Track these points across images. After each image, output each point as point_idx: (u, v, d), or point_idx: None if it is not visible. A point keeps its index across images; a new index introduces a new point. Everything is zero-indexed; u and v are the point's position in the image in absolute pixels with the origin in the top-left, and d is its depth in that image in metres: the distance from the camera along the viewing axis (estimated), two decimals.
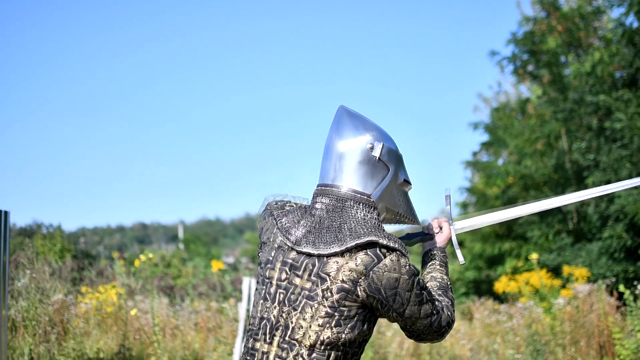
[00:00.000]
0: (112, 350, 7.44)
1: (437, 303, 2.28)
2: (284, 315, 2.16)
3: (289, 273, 2.18)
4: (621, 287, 8.07)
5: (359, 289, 2.11)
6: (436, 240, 2.58)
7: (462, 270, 16.42)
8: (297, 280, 2.17)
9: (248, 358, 2.22)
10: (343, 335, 2.13)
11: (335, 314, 2.12)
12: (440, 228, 2.60)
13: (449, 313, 2.32)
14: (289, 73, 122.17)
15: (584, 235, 13.43)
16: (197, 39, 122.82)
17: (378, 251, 2.12)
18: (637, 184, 2.77)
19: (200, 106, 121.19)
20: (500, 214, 2.77)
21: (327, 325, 2.11)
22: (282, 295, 2.18)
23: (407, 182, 2.37)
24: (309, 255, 2.16)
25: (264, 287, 2.24)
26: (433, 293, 2.33)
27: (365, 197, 2.24)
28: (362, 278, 2.11)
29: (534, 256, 9.78)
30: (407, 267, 2.15)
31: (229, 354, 7.80)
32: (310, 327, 2.12)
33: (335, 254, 2.13)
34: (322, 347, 2.12)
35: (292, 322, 2.14)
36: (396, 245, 2.14)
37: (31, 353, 6.70)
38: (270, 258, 2.24)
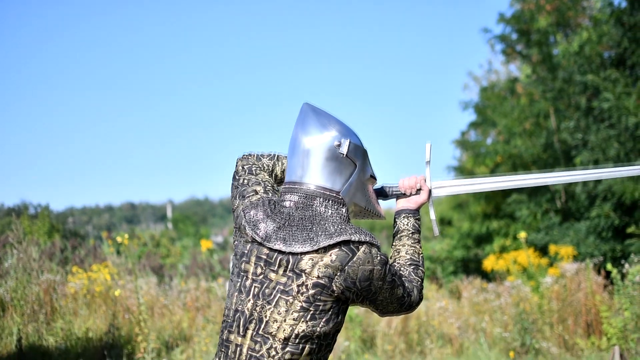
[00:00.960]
0: (101, 329, 7.43)
1: (407, 285, 2.32)
2: (257, 308, 2.16)
3: (264, 268, 2.18)
4: (608, 266, 8.14)
5: (334, 284, 2.12)
6: (412, 200, 2.57)
7: (450, 250, 16.45)
8: (272, 275, 2.17)
9: (222, 350, 2.23)
10: (318, 329, 2.14)
11: (311, 308, 2.13)
12: (419, 190, 2.58)
13: (418, 293, 2.37)
14: (277, 54, 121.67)
15: (572, 215, 13.49)
16: (187, 22, 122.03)
17: (351, 245, 2.13)
18: (634, 172, 2.75)
19: (188, 86, 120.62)
20: (484, 184, 2.76)
21: (302, 319, 2.12)
22: (256, 289, 2.18)
23: (372, 177, 2.40)
24: (281, 252, 2.16)
25: (239, 279, 2.23)
26: (404, 274, 2.37)
27: (334, 194, 2.26)
28: (338, 274, 2.12)
29: (522, 235, 9.81)
30: (379, 257, 2.17)
31: (218, 333, 7.80)
32: (284, 320, 2.12)
33: (308, 252, 2.13)
34: (297, 341, 2.13)
35: (266, 316, 2.15)
36: (367, 238, 2.15)
37: (20, 333, 6.68)
38: (246, 251, 2.24)
